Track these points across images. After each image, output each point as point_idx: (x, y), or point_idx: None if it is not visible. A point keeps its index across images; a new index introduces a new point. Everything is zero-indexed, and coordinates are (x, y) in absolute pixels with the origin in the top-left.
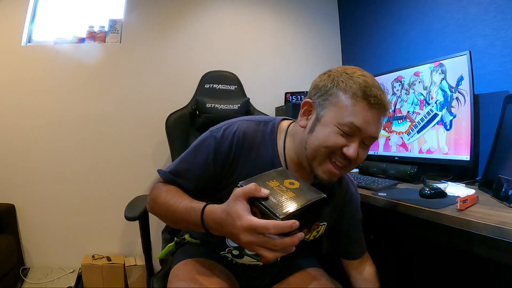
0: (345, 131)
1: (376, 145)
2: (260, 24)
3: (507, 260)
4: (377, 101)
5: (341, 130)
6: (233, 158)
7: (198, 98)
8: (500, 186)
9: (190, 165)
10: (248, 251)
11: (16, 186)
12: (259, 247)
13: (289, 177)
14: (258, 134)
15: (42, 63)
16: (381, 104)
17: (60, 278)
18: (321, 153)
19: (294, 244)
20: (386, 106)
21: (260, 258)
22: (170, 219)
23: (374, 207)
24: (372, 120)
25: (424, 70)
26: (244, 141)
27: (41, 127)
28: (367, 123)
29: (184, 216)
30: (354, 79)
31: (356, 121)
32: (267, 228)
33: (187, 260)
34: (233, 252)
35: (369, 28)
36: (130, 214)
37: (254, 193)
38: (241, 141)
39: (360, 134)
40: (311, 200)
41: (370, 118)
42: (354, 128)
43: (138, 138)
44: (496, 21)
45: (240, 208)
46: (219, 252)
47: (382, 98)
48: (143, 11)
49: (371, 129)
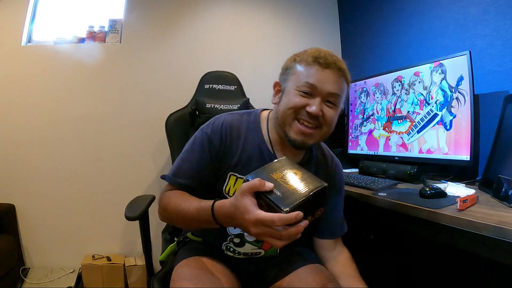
0: (304, 91)
1: (376, 145)
2: (260, 24)
3: (507, 260)
4: (327, 62)
5: (300, 91)
6: (225, 147)
7: (198, 99)
8: (500, 186)
9: (191, 163)
10: (248, 238)
11: (16, 186)
12: (268, 237)
13: (291, 167)
14: (243, 124)
15: (42, 63)
16: (333, 63)
17: (60, 278)
18: (287, 116)
19: (299, 232)
20: (338, 65)
21: (261, 245)
22: (184, 222)
23: (374, 207)
24: (327, 79)
25: (424, 70)
26: (231, 130)
27: (41, 127)
28: (322, 81)
29: (196, 217)
30: (308, 51)
31: (310, 80)
32: (273, 221)
33: (190, 259)
34: (235, 240)
35: (369, 28)
36: (131, 214)
37: (259, 187)
38: (229, 131)
39: (319, 92)
40: (313, 191)
41: (325, 77)
42: (310, 86)
43: (138, 138)
44: (496, 21)
45: (247, 202)
46: (222, 243)
47: (334, 60)
48: (143, 11)
49: (328, 86)
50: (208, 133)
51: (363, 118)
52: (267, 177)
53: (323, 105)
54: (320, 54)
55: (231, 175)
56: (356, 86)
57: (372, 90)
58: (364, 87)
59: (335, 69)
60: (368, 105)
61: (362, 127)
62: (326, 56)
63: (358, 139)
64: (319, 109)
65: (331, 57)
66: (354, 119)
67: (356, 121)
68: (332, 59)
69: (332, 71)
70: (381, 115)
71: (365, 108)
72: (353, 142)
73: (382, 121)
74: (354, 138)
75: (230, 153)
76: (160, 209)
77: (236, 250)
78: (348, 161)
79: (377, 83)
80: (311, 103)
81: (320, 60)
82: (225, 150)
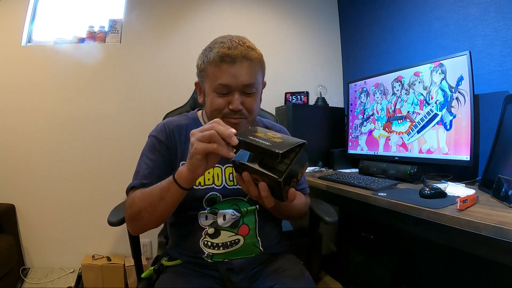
0: (221, 92)
1: (376, 145)
2: (260, 24)
3: (507, 261)
4: (233, 56)
5: (218, 93)
6: (171, 141)
7: (196, 96)
8: (500, 186)
9: (147, 164)
10: (223, 225)
11: (16, 186)
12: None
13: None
14: (183, 122)
15: (42, 63)
16: (239, 56)
17: (60, 278)
18: (216, 116)
19: None
20: (244, 54)
21: (237, 230)
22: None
23: (374, 207)
24: (238, 73)
25: (424, 70)
26: (173, 128)
27: (41, 127)
28: (234, 77)
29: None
30: (213, 50)
31: (222, 81)
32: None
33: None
34: (209, 231)
35: (369, 28)
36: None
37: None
38: (171, 129)
39: (234, 88)
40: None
41: (235, 72)
42: (224, 86)
43: (138, 137)
44: (496, 21)
45: None
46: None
47: (239, 50)
48: (143, 11)
49: (240, 79)
50: (153, 135)
51: (363, 118)
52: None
53: (242, 97)
54: (225, 51)
55: (183, 163)
56: (356, 86)
57: (372, 90)
58: (364, 87)
59: (243, 59)
60: (368, 105)
61: (362, 127)
62: (230, 53)
63: (358, 139)
64: (238, 103)
65: (235, 48)
66: (354, 119)
67: (356, 121)
68: (237, 50)
69: (240, 63)
70: (381, 115)
71: (365, 108)
72: (353, 142)
73: (382, 121)
74: (354, 138)
75: (177, 146)
76: (126, 214)
77: (214, 242)
78: (348, 161)
79: (377, 83)
80: (231, 101)
81: (226, 58)
82: (172, 144)
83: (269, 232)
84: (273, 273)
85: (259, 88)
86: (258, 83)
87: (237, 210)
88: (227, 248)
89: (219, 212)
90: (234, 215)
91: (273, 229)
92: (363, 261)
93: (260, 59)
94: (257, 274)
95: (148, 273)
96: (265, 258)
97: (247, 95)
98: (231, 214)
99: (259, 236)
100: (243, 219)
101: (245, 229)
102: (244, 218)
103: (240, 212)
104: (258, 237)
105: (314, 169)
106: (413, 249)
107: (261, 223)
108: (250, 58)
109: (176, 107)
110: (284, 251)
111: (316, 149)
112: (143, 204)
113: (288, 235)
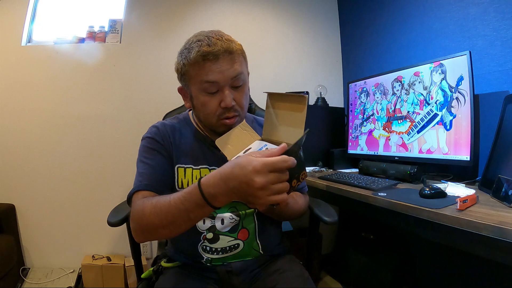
0: (211, 92)
1: (376, 145)
2: (260, 24)
3: (507, 261)
4: (215, 52)
5: (207, 93)
6: (166, 142)
7: None
8: (500, 186)
9: (150, 168)
10: (221, 229)
11: (16, 186)
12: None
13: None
14: (175, 123)
15: (42, 63)
16: (221, 51)
17: (60, 278)
18: (210, 119)
19: None
20: (225, 47)
21: (237, 235)
22: (167, 220)
23: (374, 207)
24: (223, 68)
25: (424, 70)
26: (166, 129)
27: (41, 127)
28: (219, 72)
29: (180, 205)
30: (192, 50)
31: (209, 78)
32: (284, 161)
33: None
34: (207, 236)
35: (369, 28)
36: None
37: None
38: (164, 130)
39: (223, 84)
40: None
41: (220, 67)
42: (212, 84)
43: (138, 137)
44: (496, 21)
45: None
46: (197, 245)
47: (220, 46)
48: (143, 11)
49: (226, 73)
50: (148, 136)
51: (363, 118)
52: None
53: (232, 92)
54: (206, 49)
55: (178, 167)
56: (356, 86)
57: (372, 90)
58: (364, 87)
59: (225, 54)
60: (368, 105)
61: (362, 127)
62: (211, 50)
63: (358, 139)
64: (231, 99)
65: (215, 44)
66: (354, 119)
67: (356, 121)
68: (217, 46)
69: (223, 58)
70: (381, 115)
71: (365, 108)
72: (353, 142)
73: (382, 121)
74: (354, 138)
75: (171, 147)
76: (134, 224)
77: (213, 247)
78: (348, 161)
79: (377, 83)
80: (222, 98)
81: (209, 56)
82: (168, 144)
83: (269, 234)
84: (272, 274)
85: (246, 80)
86: (244, 74)
87: (235, 213)
88: (226, 253)
89: (217, 216)
90: (232, 218)
91: (273, 231)
92: (363, 261)
93: (241, 49)
94: (257, 276)
95: (148, 274)
96: (264, 260)
97: (236, 89)
98: (229, 217)
99: (259, 240)
100: (242, 223)
101: (245, 233)
102: (243, 221)
103: (239, 215)
104: (258, 240)
105: (314, 169)
106: (413, 249)
107: (261, 226)
108: (232, 51)
109: (176, 107)
110: (284, 252)
111: (316, 149)
112: (160, 222)
113: (288, 236)
